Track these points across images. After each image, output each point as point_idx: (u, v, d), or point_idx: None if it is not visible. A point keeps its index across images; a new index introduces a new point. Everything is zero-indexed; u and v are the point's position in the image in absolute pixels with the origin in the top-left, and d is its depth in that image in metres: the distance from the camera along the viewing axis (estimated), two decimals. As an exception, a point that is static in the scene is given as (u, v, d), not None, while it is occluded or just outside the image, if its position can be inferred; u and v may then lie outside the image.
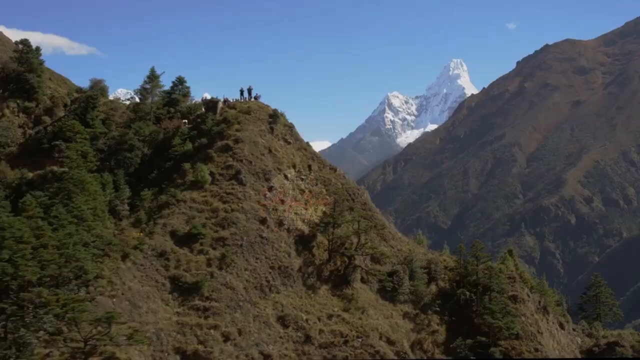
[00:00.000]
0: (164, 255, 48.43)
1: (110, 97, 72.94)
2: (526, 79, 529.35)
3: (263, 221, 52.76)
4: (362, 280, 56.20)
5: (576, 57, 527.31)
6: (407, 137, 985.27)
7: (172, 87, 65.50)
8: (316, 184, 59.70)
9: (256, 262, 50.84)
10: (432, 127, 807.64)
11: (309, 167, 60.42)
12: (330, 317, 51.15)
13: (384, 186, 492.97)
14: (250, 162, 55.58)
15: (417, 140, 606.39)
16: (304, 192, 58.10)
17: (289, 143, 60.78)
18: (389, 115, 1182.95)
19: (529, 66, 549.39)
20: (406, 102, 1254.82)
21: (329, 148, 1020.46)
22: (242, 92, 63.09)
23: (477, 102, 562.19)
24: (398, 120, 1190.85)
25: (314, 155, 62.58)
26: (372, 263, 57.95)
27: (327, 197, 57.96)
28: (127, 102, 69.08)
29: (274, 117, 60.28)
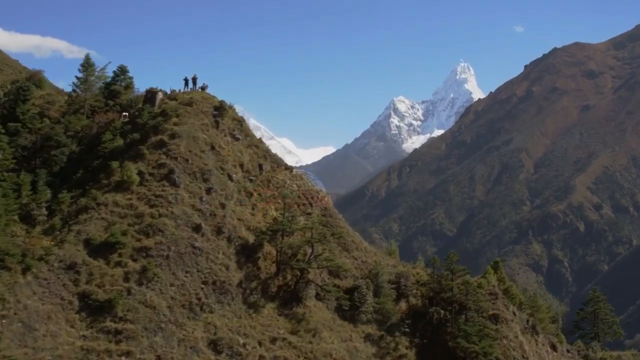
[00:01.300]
0: (73, 268, 41.22)
1: None
2: (534, 83, 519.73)
3: (197, 228, 45.39)
4: (318, 297, 48.63)
5: (585, 60, 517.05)
6: (413, 143, 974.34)
7: (113, 78, 58.62)
8: (268, 186, 52.34)
9: (185, 277, 43.44)
10: (438, 132, 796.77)
11: (260, 166, 53.09)
12: (274, 340, 43.64)
13: (388, 192, 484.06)
14: (187, 160, 48.29)
15: (423, 146, 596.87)
16: (251, 195, 50.73)
17: (238, 139, 53.47)
18: (394, 120, 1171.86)
19: (537, 70, 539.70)
20: (412, 107, 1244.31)
21: (332, 154, 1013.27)
22: (186, 81, 55.88)
23: (484, 107, 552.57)
24: (404, 126, 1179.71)
25: (266, 154, 55.22)
26: (331, 277, 50.36)
27: (280, 201, 50.49)
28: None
29: (220, 109, 53.04)
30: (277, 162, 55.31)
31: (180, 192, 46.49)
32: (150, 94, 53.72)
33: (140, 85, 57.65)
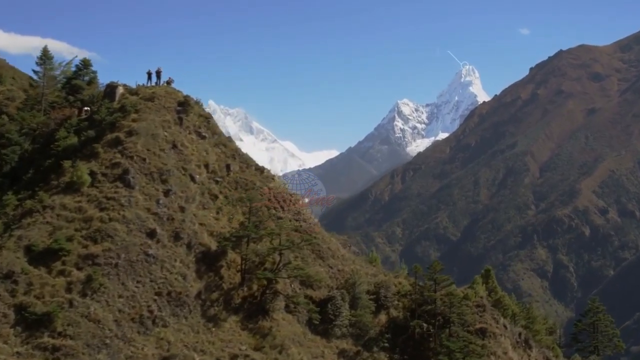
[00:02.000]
0: (10, 277, 37.26)
1: None
2: (539, 86, 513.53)
3: (151, 234, 41.42)
4: (288, 310, 44.57)
5: (591, 63, 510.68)
6: (417, 146, 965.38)
7: (75, 72, 54.94)
8: (235, 188, 48.34)
9: (136, 287, 39.45)
10: (443, 135, 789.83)
11: (227, 167, 49.09)
12: (234, 357, 39.59)
13: (391, 196, 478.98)
14: (144, 160, 44.32)
15: (427, 149, 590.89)
16: (216, 197, 46.74)
17: (204, 137, 49.51)
18: (398, 123, 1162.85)
19: (542, 72, 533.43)
20: (417, 110, 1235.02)
21: (336, 157, 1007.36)
22: (149, 75, 51.95)
23: (489, 110, 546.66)
24: (408, 129, 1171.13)
25: (235, 153, 51.17)
26: (303, 287, 46.30)
27: (249, 204, 46.42)
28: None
29: (185, 105, 49.11)
30: (247, 162, 51.27)
31: (135, 194, 42.55)
32: (110, 89, 49.93)
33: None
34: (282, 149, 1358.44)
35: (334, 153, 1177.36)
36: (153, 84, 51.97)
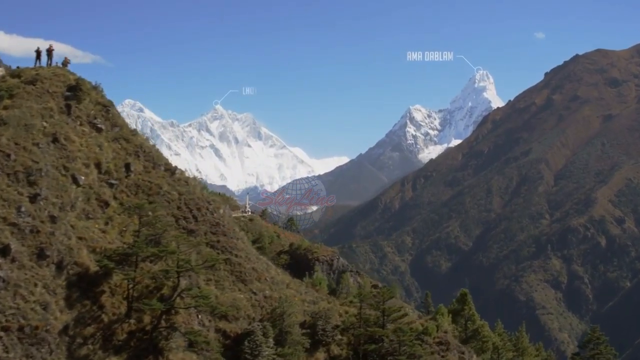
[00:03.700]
0: None
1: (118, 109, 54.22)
2: (554, 91, 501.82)
3: (4, 250, 32.11)
4: (192, 348, 35.04)
5: (608, 68, 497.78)
6: (429, 153, 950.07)
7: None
8: (135, 193, 38.98)
9: (-27, 321, 30.24)
10: (456, 142, 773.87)
11: (127, 166, 39.79)
12: (105, 414, 30.25)
13: (402, 204, 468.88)
14: (8, 156, 35.13)
15: (438, 156, 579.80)
16: (108, 204, 37.42)
17: (99, 130, 40.30)
18: (410, 129, 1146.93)
19: (557, 78, 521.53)
20: (429, 116, 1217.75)
21: (346, 164, 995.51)
22: (38, 54, 43.04)
23: (502, 116, 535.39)
24: (420, 135, 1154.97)
25: (140, 150, 41.83)
26: (214, 319, 36.75)
27: (150, 212, 37.05)
28: None
29: (76, 90, 39.95)
30: (155, 161, 41.89)
31: (-11, 199, 33.39)
32: (-12, 71, 41.10)
33: (146, 92, 44.17)
34: (291, 156, 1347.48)
35: (344, 160, 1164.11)
36: (48, 64, 42.92)
